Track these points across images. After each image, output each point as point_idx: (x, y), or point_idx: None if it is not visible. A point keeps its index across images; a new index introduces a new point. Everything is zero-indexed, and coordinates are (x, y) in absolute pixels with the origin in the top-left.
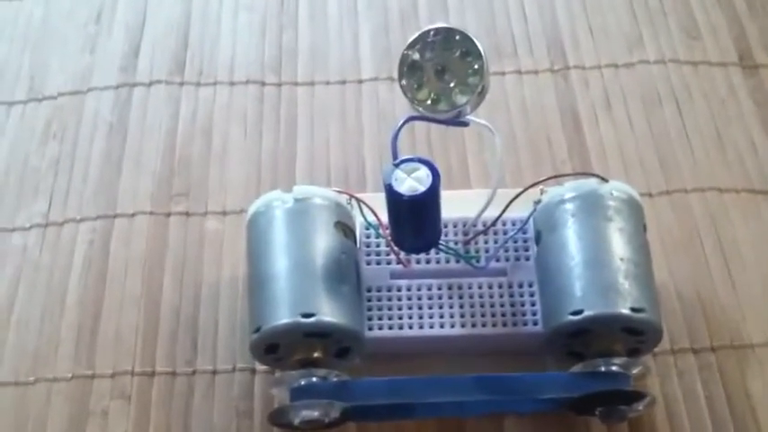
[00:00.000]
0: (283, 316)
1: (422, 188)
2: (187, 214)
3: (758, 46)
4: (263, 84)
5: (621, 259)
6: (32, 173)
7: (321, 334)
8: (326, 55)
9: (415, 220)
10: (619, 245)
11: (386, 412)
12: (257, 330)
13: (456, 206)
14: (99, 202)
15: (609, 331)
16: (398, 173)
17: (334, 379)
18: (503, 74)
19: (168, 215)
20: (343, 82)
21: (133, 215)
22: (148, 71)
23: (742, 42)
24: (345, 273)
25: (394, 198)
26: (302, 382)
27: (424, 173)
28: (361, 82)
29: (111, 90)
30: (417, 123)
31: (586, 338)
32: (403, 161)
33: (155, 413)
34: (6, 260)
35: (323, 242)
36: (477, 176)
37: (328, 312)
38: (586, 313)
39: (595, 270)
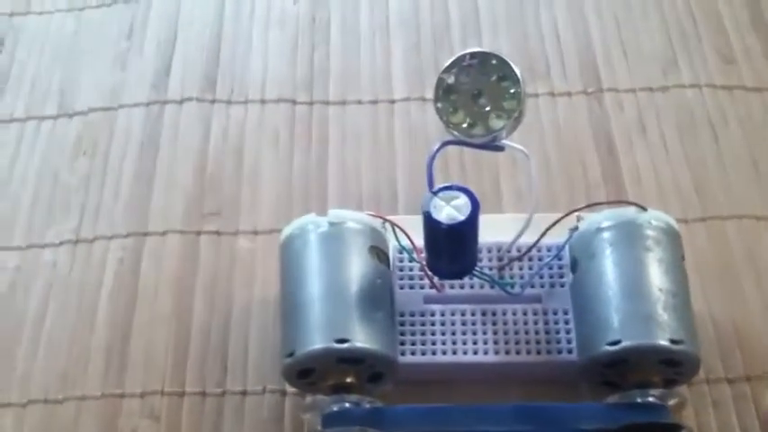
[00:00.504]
0: (317, 341)
1: (461, 217)
2: (218, 233)
3: None
4: (295, 102)
5: (660, 290)
6: (63, 189)
7: (354, 360)
8: (358, 74)
9: (452, 248)
10: (657, 275)
11: None
12: (291, 354)
13: (489, 231)
14: (130, 219)
15: (646, 362)
16: (437, 201)
17: (367, 405)
18: (536, 95)
19: (199, 234)
20: (375, 102)
21: (164, 233)
22: (180, 88)
23: None
24: (379, 298)
25: (432, 226)
26: (335, 408)
27: (463, 201)
28: (393, 102)
29: (143, 107)
30: (451, 147)
31: (623, 369)
32: (442, 189)
33: None
34: (37, 276)
35: (357, 267)
36: (510, 201)
37: (362, 338)
38: (624, 344)
39: (634, 300)
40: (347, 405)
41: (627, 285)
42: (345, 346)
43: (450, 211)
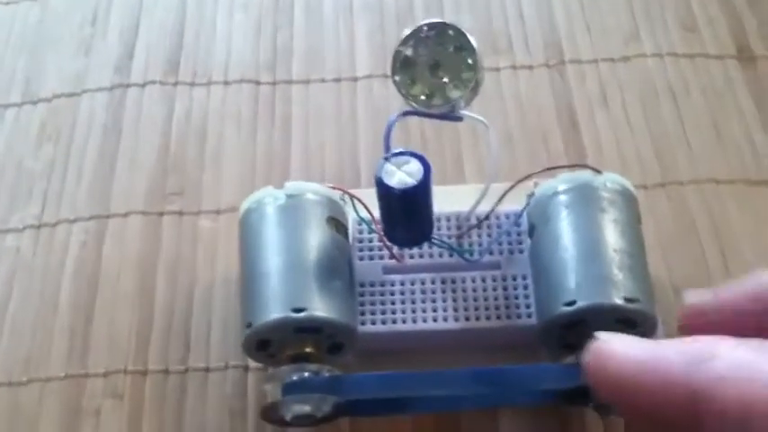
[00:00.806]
0: (274, 311)
1: (413, 181)
2: (180, 213)
3: (756, 38)
4: (258, 83)
5: (615, 250)
6: (27, 175)
7: (313, 329)
8: (322, 54)
9: (406, 214)
10: (612, 236)
11: (379, 407)
12: (249, 326)
13: (450, 201)
14: (92, 202)
15: (603, 322)
16: (389, 166)
17: (327, 374)
18: (497, 69)
19: (161, 214)
20: (339, 80)
21: (126, 215)
22: (143, 72)
23: (740, 35)
24: (338, 268)
25: (385, 192)
26: (294, 377)
27: (414, 166)
28: (356, 80)
29: (106, 91)
30: (412, 120)
31: (581, 330)
32: (394, 155)
33: (148, 411)
34: (0, 262)
35: (315, 238)
36: (472, 172)
37: (320, 307)
38: (579, 304)
39: (589, 261)
40: (306, 374)
41: (582, 247)
42: (303, 315)
43: (401, 176)
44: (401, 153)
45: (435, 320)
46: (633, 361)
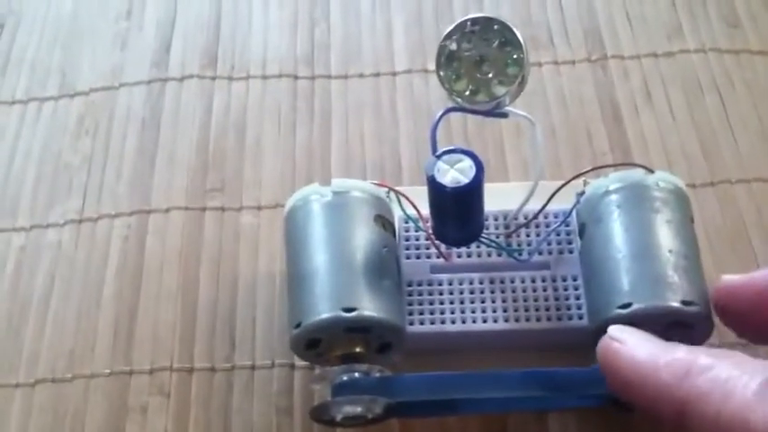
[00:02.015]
0: (324, 311)
1: (465, 180)
2: (222, 209)
3: None
4: (296, 77)
5: (670, 251)
6: (65, 169)
7: (362, 329)
8: (359, 47)
9: (458, 213)
10: (667, 237)
11: (429, 408)
12: (298, 325)
13: (495, 199)
14: (133, 197)
15: (658, 325)
16: (441, 164)
17: (377, 374)
18: (539, 64)
19: (203, 210)
20: (377, 74)
21: (167, 210)
22: (180, 66)
23: None
24: (386, 267)
25: (437, 190)
26: (345, 378)
27: (467, 164)
28: (395, 74)
29: (144, 85)
30: (454, 116)
31: None
32: (445, 152)
33: (194, 409)
34: (41, 256)
35: (363, 236)
36: (515, 169)
37: (369, 307)
38: (635, 307)
39: (643, 263)
40: (356, 375)
41: (636, 248)
42: (353, 314)
43: (454, 174)
44: (453, 150)
45: (484, 321)
46: (635, 366)
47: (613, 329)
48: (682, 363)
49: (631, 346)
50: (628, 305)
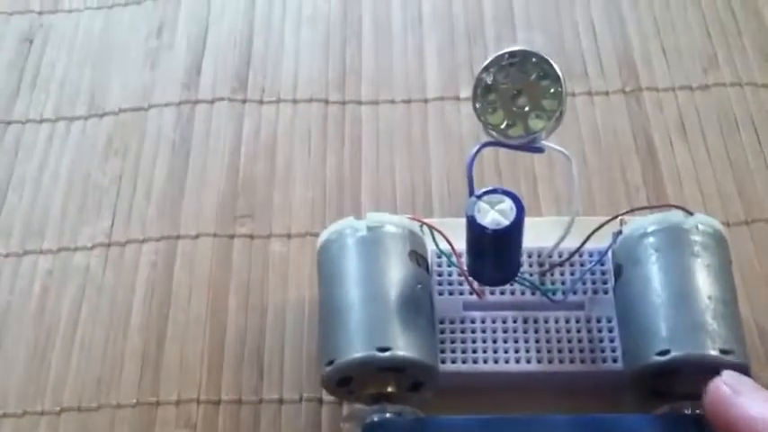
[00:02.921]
0: (358, 349)
1: (506, 222)
2: (251, 237)
3: None
4: (327, 102)
5: (709, 298)
6: (94, 190)
7: (395, 368)
8: (390, 73)
9: (497, 254)
10: (706, 282)
11: None
12: (330, 363)
13: (528, 235)
14: (162, 222)
15: (696, 372)
16: (481, 205)
17: (409, 415)
18: (573, 95)
19: (232, 237)
20: (409, 101)
21: (197, 236)
22: (211, 88)
23: None
24: (420, 305)
25: (477, 231)
26: (375, 418)
27: (507, 205)
28: (426, 101)
29: (174, 107)
30: (486, 149)
31: (671, 379)
32: (486, 192)
33: None
34: (68, 280)
35: (397, 273)
36: (547, 204)
37: (403, 346)
38: (673, 354)
39: (682, 308)
40: (388, 415)
41: (674, 293)
42: (387, 354)
43: (494, 215)
44: (493, 191)
45: (517, 361)
46: (746, 421)
47: (728, 375)
48: None
49: (746, 399)
50: (666, 352)
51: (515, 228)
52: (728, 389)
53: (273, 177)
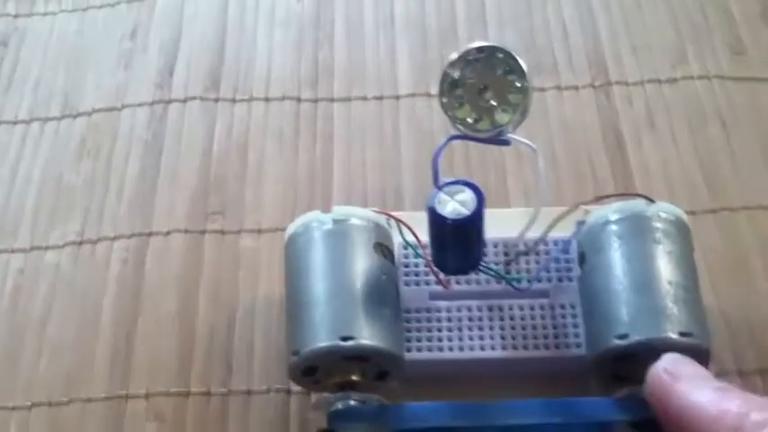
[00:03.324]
0: (322, 339)
1: (466, 211)
2: (222, 232)
3: None
4: (299, 100)
5: (670, 283)
6: (67, 190)
7: (360, 357)
8: (363, 71)
9: (458, 244)
10: (667, 269)
11: None
12: (296, 353)
13: (496, 226)
14: (134, 219)
15: (656, 356)
16: (442, 196)
17: (374, 403)
18: (542, 90)
19: (203, 233)
20: (380, 98)
21: (168, 233)
22: (184, 87)
23: None
24: (385, 295)
25: (437, 221)
26: (341, 406)
27: (468, 195)
28: (398, 98)
29: (147, 107)
30: (456, 141)
31: (633, 362)
32: (446, 184)
33: None
34: (40, 278)
35: (362, 264)
36: (516, 195)
37: (367, 336)
38: (633, 338)
39: (643, 294)
40: (353, 402)
41: (636, 279)
42: (351, 343)
43: (454, 205)
44: (454, 182)
45: (483, 349)
46: (685, 409)
47: (668, 359)
48: (733, 418)
49: (684, 386)
50: (625, 336)
51: (476, 217)
52: (667, 376)
53: (245, 174)
